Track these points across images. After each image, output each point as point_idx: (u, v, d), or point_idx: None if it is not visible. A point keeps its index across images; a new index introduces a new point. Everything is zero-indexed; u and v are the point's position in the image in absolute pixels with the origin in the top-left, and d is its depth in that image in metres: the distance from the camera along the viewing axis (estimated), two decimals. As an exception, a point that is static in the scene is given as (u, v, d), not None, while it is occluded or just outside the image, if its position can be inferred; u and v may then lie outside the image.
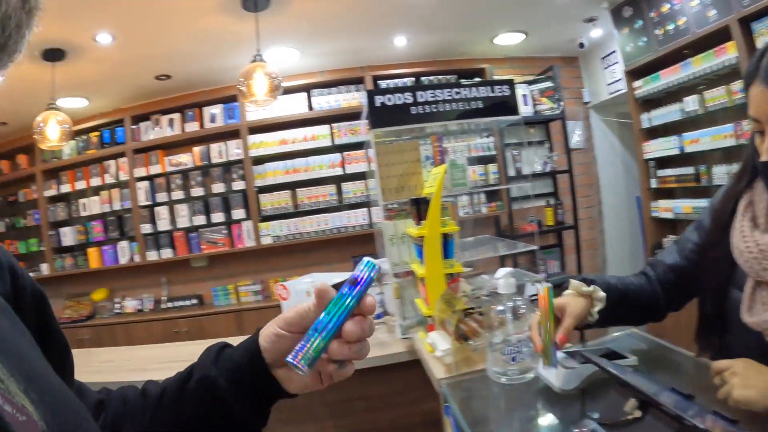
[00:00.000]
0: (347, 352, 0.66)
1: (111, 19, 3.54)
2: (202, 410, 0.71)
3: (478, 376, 1.58)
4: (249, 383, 0.71)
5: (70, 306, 5.48)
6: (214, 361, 0.73)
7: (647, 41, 3.95)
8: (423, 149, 2.44)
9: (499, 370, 1.45)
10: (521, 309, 1.44)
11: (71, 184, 5.29)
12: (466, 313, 1.73)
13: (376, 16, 4.05)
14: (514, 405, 1.33)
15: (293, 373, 0.68)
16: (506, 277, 1.46)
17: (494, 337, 1.45)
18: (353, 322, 0.66)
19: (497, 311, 1.45)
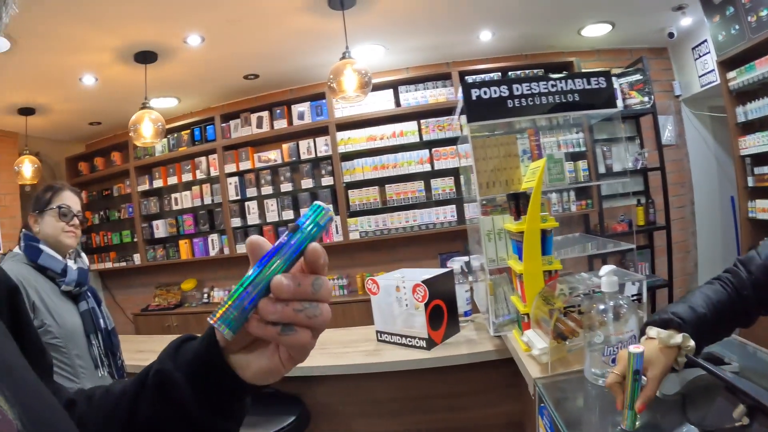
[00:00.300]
0: (283, 311, 0.53)
1: (200, 22, 3.65)
2: (159, 410, 0.60)
3: (574, 377, 1.56)
4: (206, 375, 0.59)
5: (159, 294, 5.72)
6: (173, 355, 0.62)
7: (739, 29, 3.71)
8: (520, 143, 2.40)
9: (597, 371, 1.42)
10: (623, 309, 1.40)
11: (163, 179, 5.52)
12: (565, 311, 1.70)
13: (461, 10, 4.02)
14: (612, 408, 1.28)
15: (251, 357, 0.59)
16: (609, 275, 1.42)
17: (594, 337, 1.42)
18: (284, 275, 0.53)
19: (599, 310, 1.42)
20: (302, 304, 0.54)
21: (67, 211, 2.19)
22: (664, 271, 4.85)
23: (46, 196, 2.20)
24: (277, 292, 0.52)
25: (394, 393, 2.57)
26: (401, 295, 2.65)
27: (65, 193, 2.24)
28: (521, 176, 2.27)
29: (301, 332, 0.54)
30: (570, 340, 1.68)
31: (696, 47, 4.80)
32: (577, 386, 1.51)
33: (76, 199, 2.28)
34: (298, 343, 0.55)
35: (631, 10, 4.30)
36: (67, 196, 2.23)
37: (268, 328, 0.54)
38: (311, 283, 0.54)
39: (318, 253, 0.54)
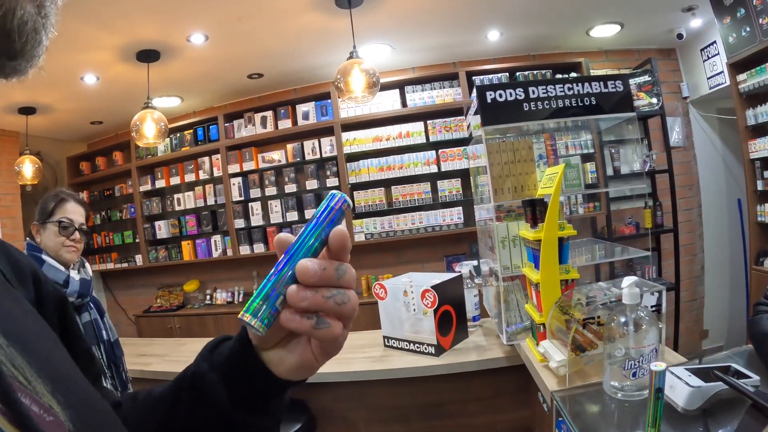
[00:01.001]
0: (312, 298, 0.53)
1: (204, 20, 3.61)
2: (195, 410, 0.62)
3: (593, 390, 1.52)
4: (240, 373, 0.60)
5: (161, 295, 5.69)
6: (208, 356, 0.63)
7: (750, 31, 3.68)
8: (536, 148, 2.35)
9: (616, 384, 1.39)
10: (644, 322, 1.36)
11: (166, 179, 5.48)
12: (584, 323, 1.65)
13: (469, 10, 3.97)
14: (631, 422, 1.26)
15: (284, 352, 0.59)
16: (631, 287, 1.38)
17: (615, 350, 1.38)
18: (308, 259, 0.53)
19: (619, 323, 1.38)
20: (330, 290, 0.54)
21: (68, 224, 2.16)
22: (671, 274, 4.81)
23: (49, 206, 2.18)
24: (303, 278, 0.52)
25: (401, 399, 2.54)
26: (409, 299, 2.62)
27: (68, 205, 2.21)
28: (536, 181, 2.22)
29: (334, 324, 0.55)
30: (587, 352, 1.63)
31: (705, 48, 4.76)
32: (596, 399, 1.47)
33: (81, 211, 2.26)
34: (331, 335, 0.55)
35: (640, 11, 4.26)
36: (70, 208, 2.21)
37: (303, 321, 0.54)
38: (335, 269, 0.54)
39: (341, 238, 0.55)
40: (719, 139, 5.25)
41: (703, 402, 1.26)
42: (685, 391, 1.26)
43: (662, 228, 4.78)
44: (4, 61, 0.44)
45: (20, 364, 0.42)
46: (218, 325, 5.13)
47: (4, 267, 0.57)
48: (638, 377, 1.35)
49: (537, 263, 1.86)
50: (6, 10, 0.41)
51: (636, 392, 1.36)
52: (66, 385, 0.46)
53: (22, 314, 0.51)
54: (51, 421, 0.41)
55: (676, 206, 4.65)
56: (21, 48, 0.43)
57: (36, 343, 0.48)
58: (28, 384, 0.41)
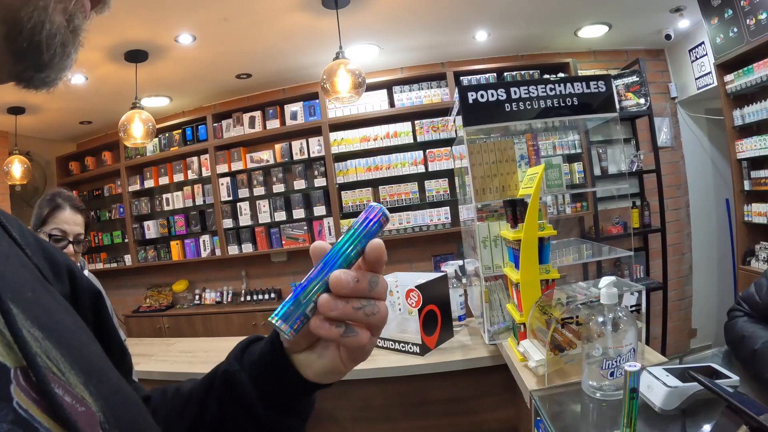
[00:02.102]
0: (343, 308, 0.54)
1: (192, 20, 3.60)
2: (226, 410, 0.65)
3: (571, 389, 1.53)
4: (270, 375, 0.63)
5: (150, 295, 5.67)
6: (239, 356, 0.66)
7: (738, 32, 3.70)
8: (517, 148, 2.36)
9: (595, 384, 1.40)
10: (622, 321, 1.37)
11: (154, 179, 5.47)
12: (563, 323, 1.66)
13: (457, 10, 3.97)
14: (609, 422, 1.26)
15: (313, 356, 0.61)
16: (609, 287, 1.39)
17: (593, 350, 1.39)
18: (342, 270, 0.54)
19: (597, 322, 1.38)
20: (360, 301, 0.55)
21: (60, 237, 1.96)
22: (659, 274, 4.83)
23: (42, 212, 1.98)
24: (336, 288, 0.54)
25: (388, 399, 2.53)
26: (394, 299, 2.62)
27: (64, 214, 2.00)
28: (518, 182, 2.22)
29: (361, 333, 0.57)
30: (567, 352, 1.64)
31: (693, 49, 4.79)
32: (574, 399, 1.47)
33: (78, 219, 2.05)
34: (359, 344, 0.57)
35: (628, 12, 4.27)
36: (65, 217, 2.00)
37: (332, 329, 0.55)
38: (369, 280, 0.56)
39: (378, 251, 0.56)
40: (707, 139, 5.28)
41: (680, 402, 1.26)
42: (663, 391, 1.26)
43: (650, 228, 4.80)
44: (32, 73, 0.46)
45: (55, 357, 0.43)
46: (207, 325, 5.11)
47: (40, 262, 0.58)
48: (616, 377, 1.36)
49: (518, 263, 1.86)
50: (35, 23, 0.42)
51: (614, 392, 1.36)
52: (98, 378, 0.47)
53: (57, 308, 0.52)
54: (83, 411, 0.42)
55: (664, 206, 4.68)
56: (49, 60, 0.45)
57: (70, 337, 0.49)
58: (62, 375, 0.43)
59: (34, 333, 0.43)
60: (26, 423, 0.37)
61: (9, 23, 0.42)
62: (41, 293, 0.51)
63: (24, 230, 0.59)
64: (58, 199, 2.01)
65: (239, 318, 5.02)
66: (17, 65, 0.45)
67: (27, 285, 0.49)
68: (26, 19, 0.42)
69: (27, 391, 0.38)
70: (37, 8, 0.42)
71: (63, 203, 2.01)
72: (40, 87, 0.48)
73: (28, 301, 0.46)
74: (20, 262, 0.53)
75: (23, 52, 0.43)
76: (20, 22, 0.42)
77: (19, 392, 0.38)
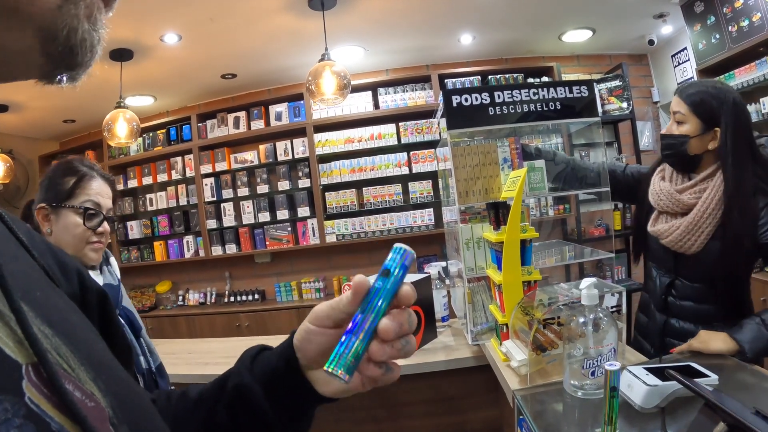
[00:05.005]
0: (389, 351, 0.61)
1: (177, 20, 3.59)
2: (237, 418, 0.68)
3: (553, 388, 1.54)
4: (284, 389, 0.68)
5: (133, 296, 5.60)
6: (249, 367, 0.70)
7: (720, 38, 3.77)
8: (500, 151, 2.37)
9: (576, 383, 1.41)
10: (603, 322, 1.39)
11: (138, 179, 5.42)
12: (545, 323, 1.68)
13: (442, 13, 4.00)
14: (590, 421, 1.26)
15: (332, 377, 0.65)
16: (589, 288, 1.41)
17: (574, 350, 1.40)
18: (390, 317, 0.60)
19: (578, 323, 1.40)
20: (401, 341, 0.62)
21: (95, 212, 1.56)
22: (640, 275, 4.81)
23: (67, 183, 1.55)
24: (385, 336, 0.60)
25: (370, 399, 2.53)
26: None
27: (94, 184, 1.58)
28: (501, 184, 2.24)
29: (396, 369, 0.64)
30: (549, 352, 1.66)
31: (675, 54, 4.85)
32: (556, 398, 1.48)
33: (109, 192, 1.64)
34: (393, 379, 0.65)
35: (612, 17, 4.32)
36: (97, 188, 1.59)
37: (376, 370, 0.62)
38: (408, 321, 0.62)
39: (411, 296, 0.62)
40: (688, 143, 5.31)
41: (660, 400, 1.27)
42: (642, 389, 1.28)
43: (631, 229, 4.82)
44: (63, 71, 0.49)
45: (64, 353, 0.44)
46: (191, 326, 5.08)
47: (48, 263, 0.60)
48: (597, 376, 1.37)
49: (500, 265, 1.88)
50: (69, 30, 0.45)
51: (595, 390, 1.37)
52: (107, 374, 0.49)
53: (65, 307, 0.54)
54: (93, 406, 0.43)
55: (645, 209, 4.70)
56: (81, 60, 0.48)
57: (79, 334, 0.50)
58: (72, 371, 0.44)
59: (44, 330, 0.44)
60: (38, 418, 0.38)
61: (45, 31, 0.44)
62: (49, 293, 0.53)
63: (32, 233, 0.61)
64: (82, 168, 1.60)
65: (223, 319, 5.00)
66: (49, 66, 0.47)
67: (36, 285, 0.51)
68: (61, 27, 0.45)
69: (38, 386, 0.39)
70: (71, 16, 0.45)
71: (90, 172, 1.61)
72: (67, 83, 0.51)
73: (37, 300, 0.47)
74: (28, 263, 0.54)
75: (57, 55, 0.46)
76: (56, 29, 0.45)
77: (30, 388, 0.39)
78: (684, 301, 1.91)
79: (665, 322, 1.97)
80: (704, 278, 1.85)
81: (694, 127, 1.81)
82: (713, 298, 1.85)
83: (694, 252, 1.81)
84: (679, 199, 1.84)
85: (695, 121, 1.81)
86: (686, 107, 1.82)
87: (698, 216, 1.78)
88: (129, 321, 1.68)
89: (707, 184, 1.81)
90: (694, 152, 1.83)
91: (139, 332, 1.71)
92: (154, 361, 1.71)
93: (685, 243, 1.82)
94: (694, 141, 1.81)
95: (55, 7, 0.44)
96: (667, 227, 1.86)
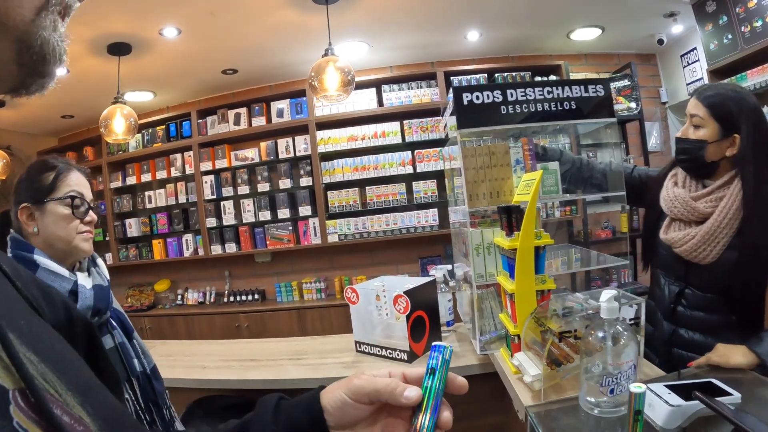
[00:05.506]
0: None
1: (177, 13, 3.51)
2: None
3: (568, 405, 1.47)
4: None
5: (132, 295, 5.55)
6: (273, 419, 0.70)
7: (732, 38, 3.69)
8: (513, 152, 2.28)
9: (593, 400, 1.34)
10: (623, 337, 1.31)
11: (137, 176, 5.35)
12: (561, 336, 1.59)
13: (449, 9, 3.92)
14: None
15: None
16: (610, 301, 1.33)
17: (592, 366, 1.33)
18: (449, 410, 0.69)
19: (598, 337, 1.32)
20: None
21: (81, 202, 1.55)
22: (646, 279, 4.76)
23: (45, 178, 1.53)
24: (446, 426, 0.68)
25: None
26: (381, 303, 2.54)
27: (74, 175, 1.58)
28: (513, 187, 2.14)
29: None
30: (564, 366, 1.57)
31: (685, 55, 4.79)
32: (572, 415, 1.41)
33: (87, 184, 1.62)
34: None
35: (622, 15, 4.26)
36: (77, 179, 1.58)
37: None
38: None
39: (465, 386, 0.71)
40: (696, 144, 5.24)
41: (682, 421, 1.23)
42: (665, 410, 1.23)
43: (639, 232, 4.76)
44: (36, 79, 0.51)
45: (51, 379, 0.46)
46: (189, 326, 5.01)
47: (33, 294, 0.61)
48: (616, 394, 1.30)
49: (512, 272, 1.79)
50: (42, 41, 0.49)
51: (613, 408, 1.31)
52: (95, 398, 0.50)
53: (49, 336, 0.55)
54: (81, 430, 0.45)
55: (653, 211, 4.63)
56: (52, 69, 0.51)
57: (64, 361, 0.52)
58: (59, 396, 0.45)
59: (29, 357, 0.45)
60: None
61: (21, 42, 0.48)
62: (34, 322, 0.55)
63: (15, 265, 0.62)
64: (58, 162, 1.58)
65: (222, 319, 4.92)
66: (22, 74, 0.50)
67: (19, 314, 0.53)
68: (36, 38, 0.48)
69: (26, 411, 0.40)
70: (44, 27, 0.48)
71: (66, 166, 1.58)
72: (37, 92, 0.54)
73: (21, 328, 0.48)
74: (11, 294, 0.56)
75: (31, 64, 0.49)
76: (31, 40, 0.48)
77: (18, 412, 0.40)
78: (694, 311, 1.84)
79: (673, 332, 1.89)
80: (716, 288, 1.78)
81: (712, 132, 1.73)
82: (725, 309, 1.78)
83: (709, 262, 1.74)
84: (695, 207, 1.76)
85: (714, 125, 1.73)
86: (704, 110, 1.74)
87: (715, 225, 1.71)
88: (121, 323, 1.64)
89: (724, 192, 1.73)
90: (712, 159, 1.75)
91: (132, 334, 1.66)
92: (148, 363, 1.66)
93: (701, 253, 1.74)
94: (712, 147, 1.73)
95: (29, 20, 0.47)
96: (682, 236, 1.79)
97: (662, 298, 1.95)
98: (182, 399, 2.29)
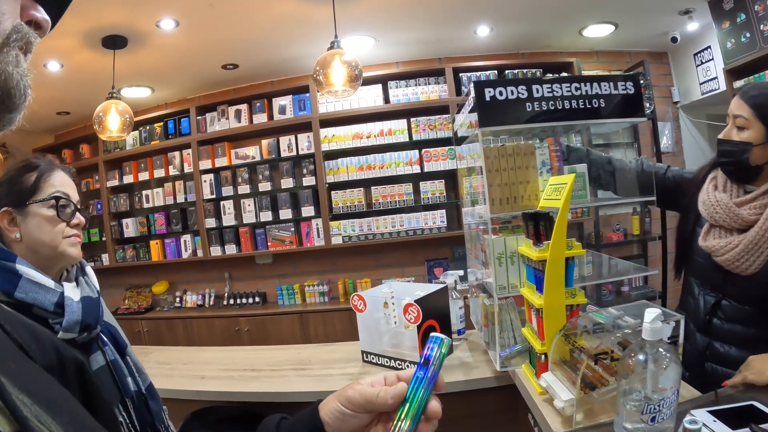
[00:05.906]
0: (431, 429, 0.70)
1: (175, 4, 3.40)
2: None
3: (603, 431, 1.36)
4: None
5: (129, 296, 5.45)
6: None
7: (750, 37, 3.59)
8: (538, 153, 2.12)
9: (630, 426, 1.22)
10: (665, 360, 1.17)
11: (134, 175, 5.24)
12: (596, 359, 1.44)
13: (459, 2, 3.80)
14: None
15: None
16: (654, 322, 1.19)
17: (632, 391, 1.21)
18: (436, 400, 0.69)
19: (638, 360, 1.19)
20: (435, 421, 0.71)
21: (66, 202, 1.42)
22: (658, 282, 4.68)
23: (27, 179, 1.40)
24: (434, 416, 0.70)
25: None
26: (389, 311, 2.41)
27: (58, 175, 1.44)
28: (538, 191, 1.99)
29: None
30: (598, 390, 1.43)
31: (698, 53, 4.69)
32: (606, 443, 1.28)
33: (72, 184, 1.49)
34: None
35: (636, 12, 4.15)
36: (62, 179, 1.45)
37: None
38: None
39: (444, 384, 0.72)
40: (708, 145, 5.18)
41: None
42: None
43: (650, 235, 4.65)
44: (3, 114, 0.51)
45: (45, 420, 0.45)
46: (188, 329, 4.88)
47: (22, 336, 0.60)
48: (657, 422, 1.17)
49: (539, 285, 1.64)
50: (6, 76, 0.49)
51: (652, 436, 1.17)
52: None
53: (39, 378, 0.55)
54: None
55: (665, 213, 4.53)
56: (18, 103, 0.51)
57: (57, 402, 0.51)
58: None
59: (22, 399, 0.45)
60: None
61: None
62: (24, 364, 0.55)
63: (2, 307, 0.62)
64: (40, 162, 1.45)
65: (222, 323, 4.79)
66: None
67: (9, 357, 0.53)
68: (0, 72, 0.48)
69: None
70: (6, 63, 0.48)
71: (48, 165, 1.45)
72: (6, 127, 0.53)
73: (12, 371, 0.48)
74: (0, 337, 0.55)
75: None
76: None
77: None
78: (731, 324, 1.74)
79: (707, 345, 1.78)
80: (755, 300, 1.68)
81: (758, 134, 1.64)
82: (764, 322, 1.68)
83: (751, 273, 1.64)
84: (738, 213, 1.67)
85: (759, 127, 1.63)
86: (749, 111, 1.65)
87: (759, 235, 1.61)
88: (112, 337, 1.46)
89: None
90: (756, 162, 1.66)
91: (125, 350, 1.48)
92: (143, 381, 1.49)
93: (743, 263, 1.64)
94: (757, 150, 1.64)
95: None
96: (724, 244, 1.68)
97: (696, 309, 1.85)
98: (180, 411, 2.17)
